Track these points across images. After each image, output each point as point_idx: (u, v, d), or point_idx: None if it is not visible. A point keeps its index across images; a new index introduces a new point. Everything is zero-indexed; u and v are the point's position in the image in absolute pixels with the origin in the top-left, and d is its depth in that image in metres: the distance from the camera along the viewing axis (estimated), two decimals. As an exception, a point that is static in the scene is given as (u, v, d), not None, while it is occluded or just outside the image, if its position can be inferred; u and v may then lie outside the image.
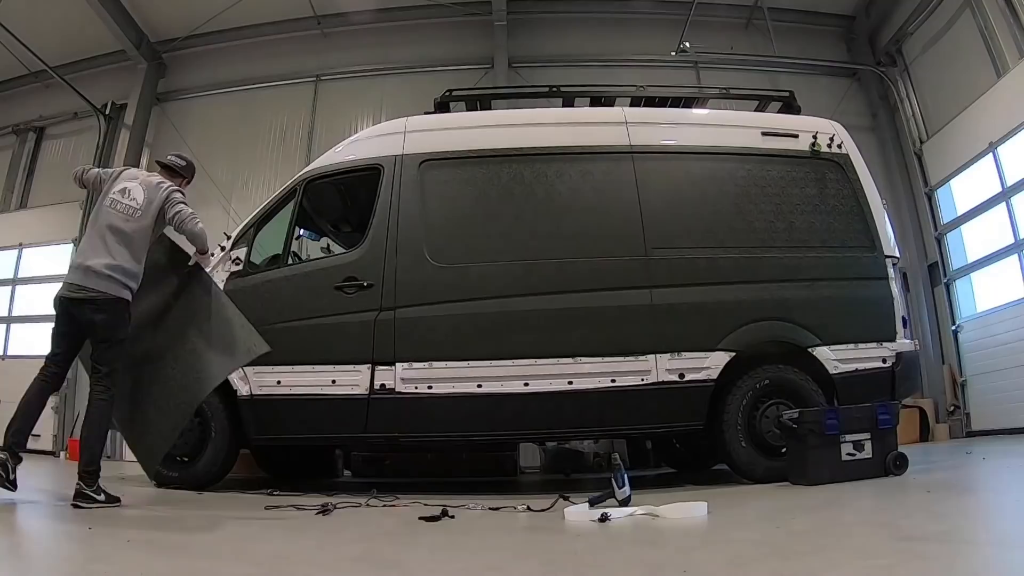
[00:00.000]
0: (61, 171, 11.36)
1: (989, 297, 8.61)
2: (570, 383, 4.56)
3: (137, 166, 10.81)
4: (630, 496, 3.37)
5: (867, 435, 4.16)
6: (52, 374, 3.88)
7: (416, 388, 4.59)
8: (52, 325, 3.89)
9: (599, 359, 4.60)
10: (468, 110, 5.63)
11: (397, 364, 4.62)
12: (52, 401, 9.93)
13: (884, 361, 4.71)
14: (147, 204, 3.96)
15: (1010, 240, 8.03)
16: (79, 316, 3.75)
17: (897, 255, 5.05)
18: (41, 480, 6.10)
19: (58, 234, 10.73)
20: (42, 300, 10.53)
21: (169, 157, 4.37)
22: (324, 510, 3.52)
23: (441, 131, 5.21)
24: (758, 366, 4.65)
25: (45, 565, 2.37)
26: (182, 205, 4.02)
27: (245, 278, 4.91)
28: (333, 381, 4.64)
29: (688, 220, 4.89)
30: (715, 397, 4.59)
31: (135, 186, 4.02)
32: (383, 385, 4.61)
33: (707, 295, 4.71)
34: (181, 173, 4.30)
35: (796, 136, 5.14)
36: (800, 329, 4.70)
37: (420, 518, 3.20)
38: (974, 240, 8.92)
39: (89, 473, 3.62)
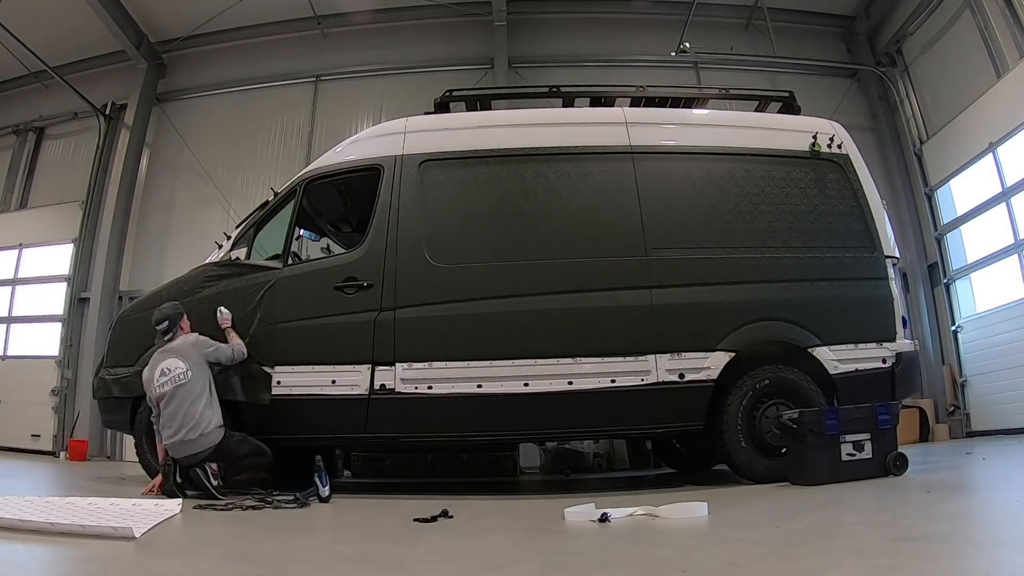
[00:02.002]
0: (61, 171, 11.39)
1: (989, 297, 8.61)
2: (570, 383, 4.56)
3: (137, 166, 10.86)
4: (331, 494, 4.12)
5: (867, 435, 4.17)
6: None
7: (416, 388, 4.59)
8: None
9: (599, 359, 4.60)
10: (468, 110, 5.63)
11: (397, 364, 4.62)
12: (52, 402, 10.06)
13: (884, 361, 4.71)
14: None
15: (1010, 240, 8.02)
16: None
17: (897, 255, 5.05)
18: (41, 480, 6.11)
19: (58, 234, 10.74)
20: (42, 300, 10.57)
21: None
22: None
23: (441, 131, 5.21)
24: (758, 366, 4.65)
25: (43, 565, 2.37)
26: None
27: (245, 278, 4.89)
28: (333, 381, 4.64)
29: (688, 220, 4.89)
30: (715, 397, 4.59)
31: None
32: (383, 385, 4.61)
33: (707, 295, 4.71)
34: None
35: (796, 136, 5.14)
36: (800, 329, 4.70)
37: (418, 519, 3.20)
38: (974, 240, 8.91)
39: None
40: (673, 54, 9.83)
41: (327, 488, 4.11)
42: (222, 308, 4.73)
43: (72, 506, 3.20)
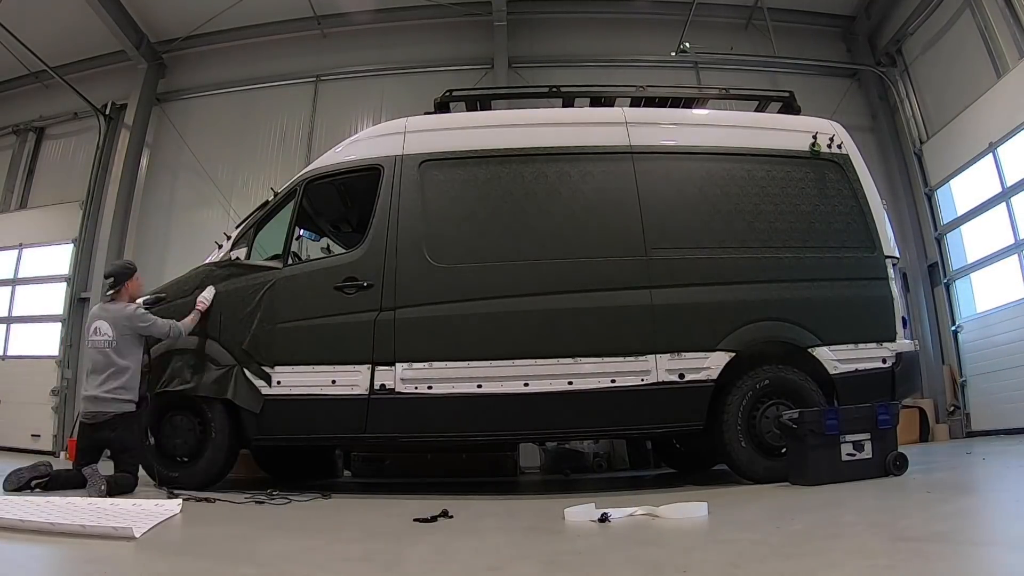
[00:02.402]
0: (61, 171, 11.41)
1: (989, 297, 8.61)
2: (570, 383, 4.56)
3: (137, 166, 10.86)
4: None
5: (867, 435, 4.17)
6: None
7: (416, 388, 4.59)
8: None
9: (599, 359, 4.60)
10: (468, 110, 5.63)
11: (397, 364, 4.62)
12: (52, 401, 10.05)
13: (884, 361, 4.71)
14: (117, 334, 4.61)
15: (1010, 240, 8.03)
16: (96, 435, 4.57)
17: (897, 255, 5.05)
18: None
19: (58, 234, 10.76)
20: (42, 300, 10.57)
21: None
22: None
23: (441, 131, 5.21)
24: (758, 366, 4.65)
25: (44, 564, 2.37)
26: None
27: (245, 278, 4.91)
28: (333, 381, 4.64)
29: (688, 220, 4.89)
30: (715, 397, 4.59)
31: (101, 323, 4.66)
32: (383, 385, 4.61)
33: (707, 295, 4.71)
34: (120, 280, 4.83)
35: (796, 136, 5.14)
36: (800, 329, 4.70)
37: (418, 519, 3.20)
38: (974, 240, 8.92)
39: None
40: (673, 54, 9.83)
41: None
42: (207, 293, 4.85)
43: (72, 506, 3.20)
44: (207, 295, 4.85)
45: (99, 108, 11.07)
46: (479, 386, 4.57)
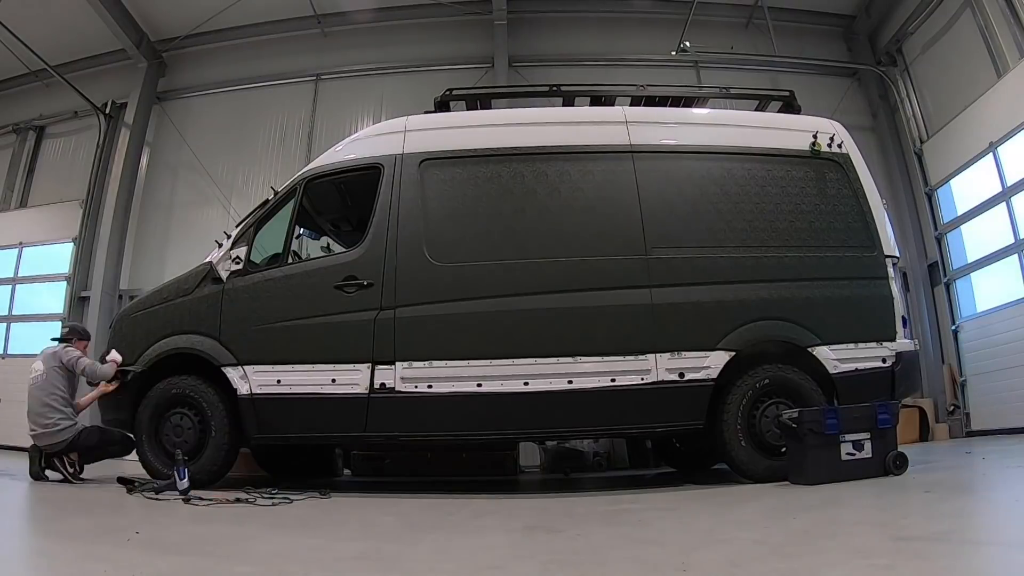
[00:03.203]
0: (61, 170, 11.39)
1: (989, 297, 8.61)
2: (570, 382, 4.56)
3: (137, 165, 10.86)
4: (189, 488, 4.10)
5: (867, 435, 4.17)
6: None
7: (416, 387, 4.59)
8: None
9: (599, 358, 4.60)
10: (468, 109, 5.62)
11: (397, 363, 4.63)
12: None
13: (884, 361, 4.71)
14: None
15: (1010, 240, 8.02)
16: None
17: (897, 255, 5.05)
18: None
19: (58, 233, 10.74)
20: (42, 299, 10.57)
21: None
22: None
23: (441, 130, 5.21)
24: (758, 365, 4.65)
25: (45, 563, 2.37)
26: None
27: (245, 277, 4.92)
28: (333, 380, 4.64)
29: (688, 220, 4.89)
30: (715, 396, 4.59)
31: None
32: (383, 384, 4.61)
33: (707, 294, 4.71)
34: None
35: (796, 135, 5.14)
36: (800, 328, 4.70)
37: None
38: (974, 240, 8.92)
39: None
40: (673, 53, 9.83)
41: (185, 481, 4.14)
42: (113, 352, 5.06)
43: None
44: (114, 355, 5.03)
45: (99, 107, 11.06)
46: (479, 385, 4.57)
